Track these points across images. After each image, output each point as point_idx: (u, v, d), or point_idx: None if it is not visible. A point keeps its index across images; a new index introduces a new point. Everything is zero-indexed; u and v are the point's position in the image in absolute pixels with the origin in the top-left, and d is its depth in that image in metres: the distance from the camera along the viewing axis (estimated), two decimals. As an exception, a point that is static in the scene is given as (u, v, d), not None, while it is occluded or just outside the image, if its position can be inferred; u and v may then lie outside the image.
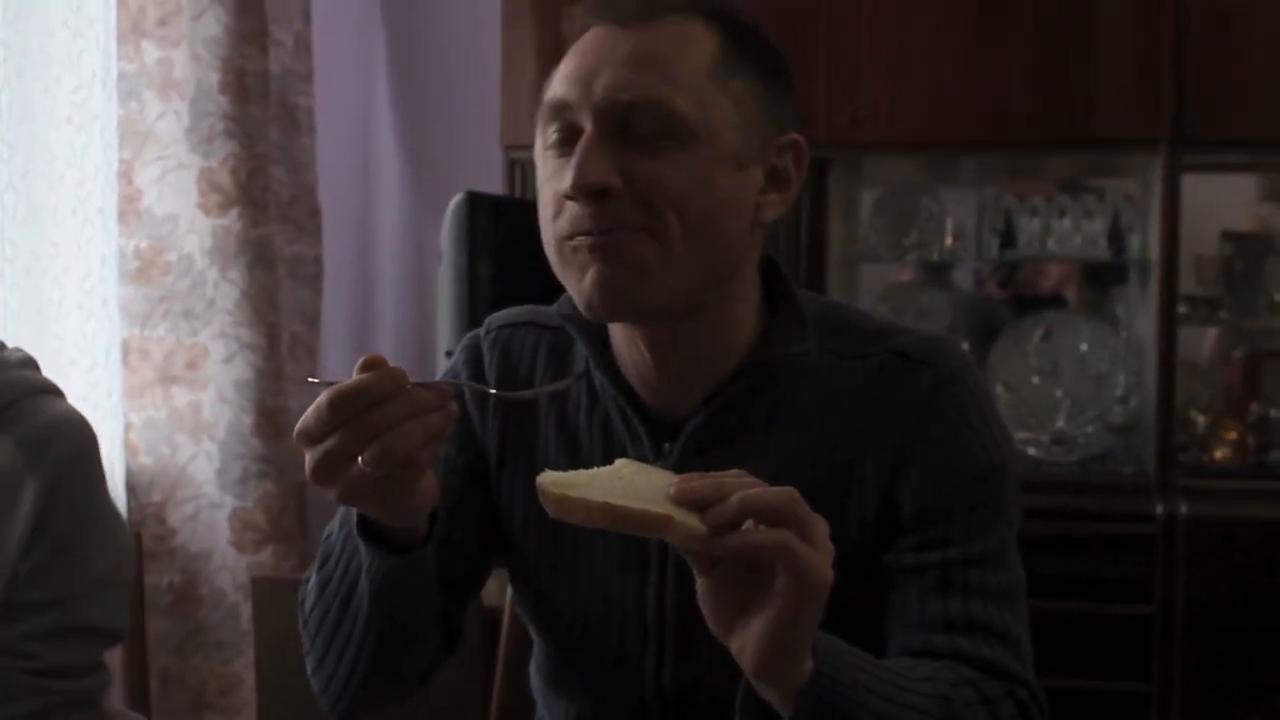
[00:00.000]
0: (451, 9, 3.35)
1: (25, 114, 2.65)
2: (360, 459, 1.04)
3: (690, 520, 0.98)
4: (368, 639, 1.22)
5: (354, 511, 1.15)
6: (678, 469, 1.15)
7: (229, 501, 2.84)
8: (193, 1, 2.82)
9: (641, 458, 1.24)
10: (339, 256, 3.29)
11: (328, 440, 1.05)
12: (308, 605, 1.27)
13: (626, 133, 1.15)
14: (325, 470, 1.06)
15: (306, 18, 3.15)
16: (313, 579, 1.26)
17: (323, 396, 1.06)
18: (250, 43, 2.91)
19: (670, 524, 0.98)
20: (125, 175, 2.80)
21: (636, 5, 1.18)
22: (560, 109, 1.17)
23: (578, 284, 1.18)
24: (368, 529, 1.16)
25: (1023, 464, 3.10)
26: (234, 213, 2.84)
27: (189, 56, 2.82)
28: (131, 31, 2.81)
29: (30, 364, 1.63)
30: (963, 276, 3.39)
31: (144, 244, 2.81)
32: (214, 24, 2.83)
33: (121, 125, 2.79)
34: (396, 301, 3.37)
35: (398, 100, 3.42)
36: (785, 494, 0.99)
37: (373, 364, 1.06)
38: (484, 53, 3.21)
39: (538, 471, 1.03)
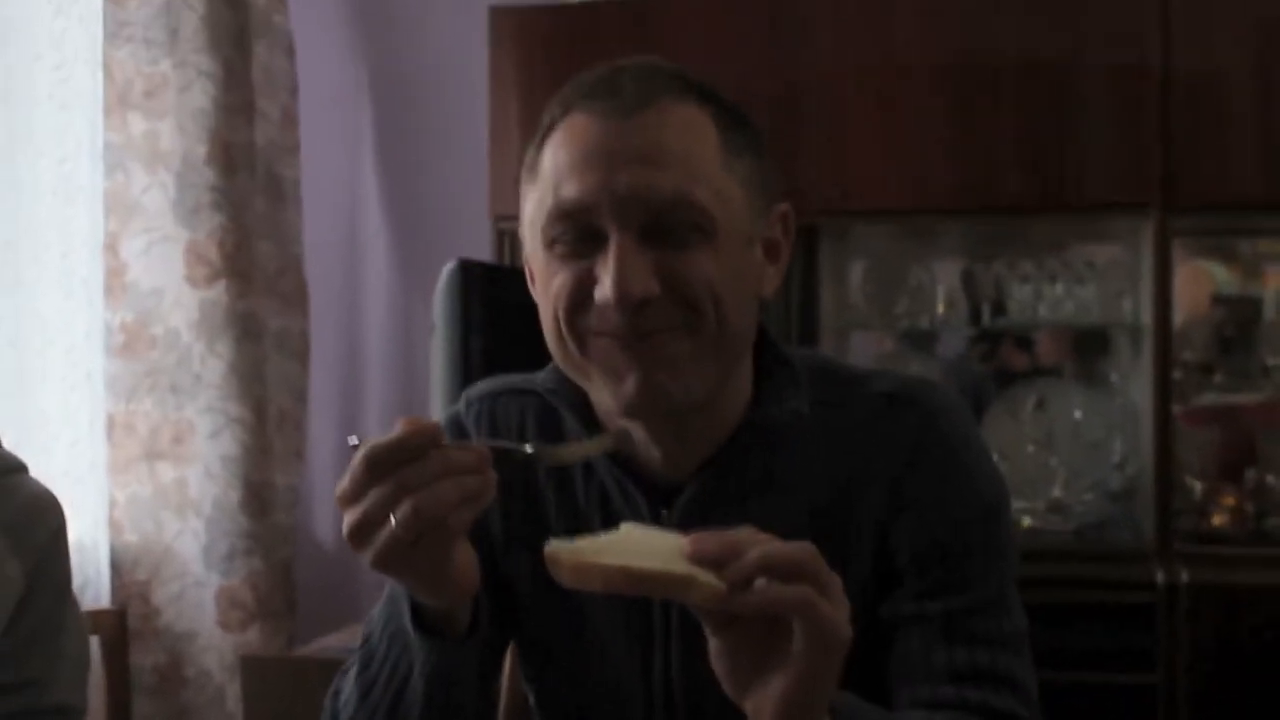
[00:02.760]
0: (438, 82, 3.35)
1: (10, 186, 2.63)
2: (392, 519, 0.99)
3: (711, 580, 0.96)
4: None
5: (404, 608, 1.12)
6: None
7: (215, 579, 2.78)
8: (180, 74, 2.82)
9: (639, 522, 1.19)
10: (326, 330, 3.25)
11: (363, 500, 1.00)
12: (345, 716, 1.21)
13: (655, 231, 1.12)
14: (359, 532, 1.01)
15: (293, 91, 3.14)
16: (349, 688, 1.21)
17: (358, 454, 1.00)
18: (237, 115, 2.90)
19: (692, 584, 0.96)
20: (111, 247, 2.77)
21: (634, 95, 1.14)
22: (576, 211, 1.13)
23: (614, 385, 1.15)
24: (418, 623, 1.12)
25: (1020, 534, 3.07)
26: (221, 285, 2.82)
27: (176, 128, 2.81)
28: (118, 103, 2.79)
29: None
30: (954, 345, 3.38)
31: (130, 317, 2.78)
32: (201, 96, 2.83)
33: (108, 197, 2.77)
34: (385, 374, 3.34)
35: (384, 172, 3.41)
36: (804, 548, 0.96)
37: (412, 424, 1.01)
38: (471, 124, 3.20)
39: (542, 543, 0.99)
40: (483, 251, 3.12)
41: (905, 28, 3.04)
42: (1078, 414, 3.10)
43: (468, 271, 2.39)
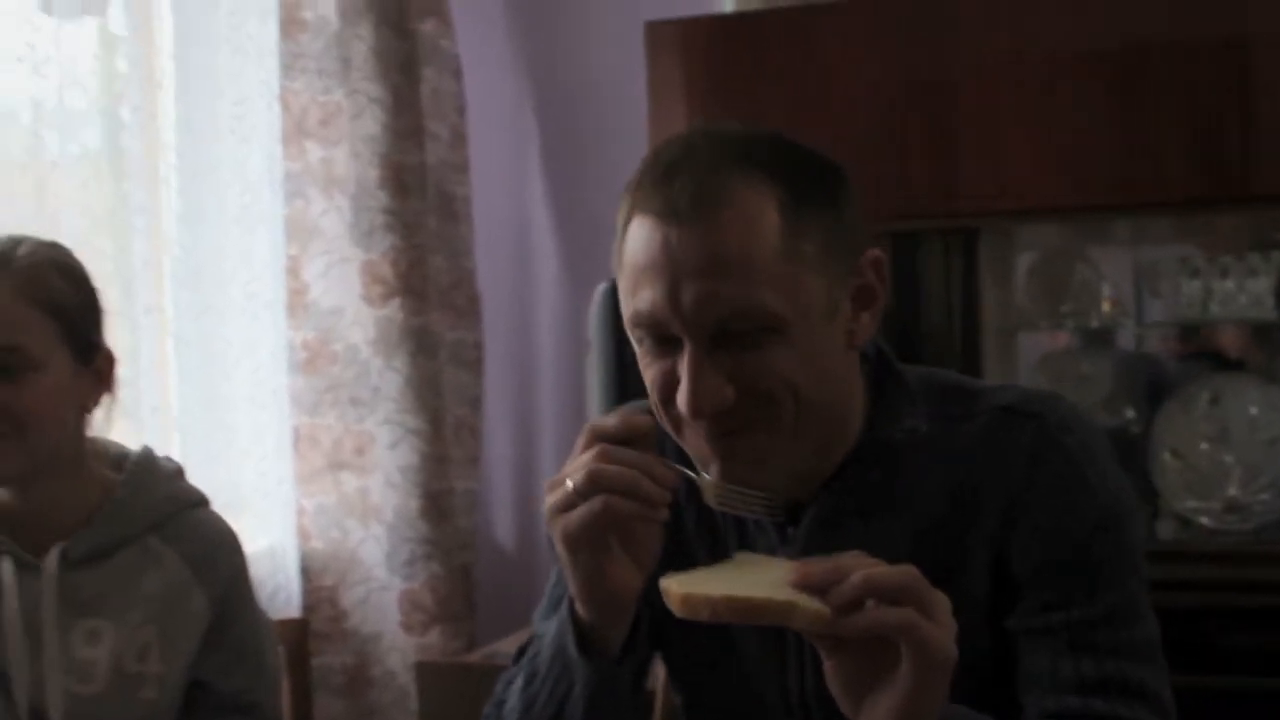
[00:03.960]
0: (600, 96, 3.43)
1: (197, 217, 2.79)
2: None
3: (814, 605, 1.01)
4: None
5: (568, 629, 1.20)
6: (803, 553, 1.20)
7: (397, 583, 2.92)
8: (352, 102, 2.95)
9: (768, 545, 1.28)
10: (499, 339, 3.37)
11: (573, 474, 1.13)
12: None
13: (724, 337, 1.15)
14: (560, 504, 1.14)
15: (462, 111, 3.26)
16: (514, 700, 1.28)
17: (583, 432, 1.15)
18: (407, 139, 3.02)
19: (795, 610, 1.01)
20: (292, 270, 2.92)
21: (690, 199, 1.14)
22: (650, 323, 1.17)
23: (702, 466, 1.22)
24: (579, 644, 1.21)
25: (1194, 534, 3.01)
26: (396, 302, 2.95)
27: (350, 154, 2.94)
28: (296, 133, 2.94)
29: (181, 474, 1.75)
30: (1123, 342, 3.32)
31: (311, 335, 2.93)
32: (372, 123, 2.96)
33: (288, 222, 2.91)
34: (557, 380, 3.43)
35: (551, 185, 3.50)
36: (906, 572, 1.02)
37: (632, 417, 1.16)
38: (633, 136, 3.26)
39: (685, 564, 1.09)
40: (646, 260, 3.19)
41: (1058, 15, 2.99)
42: (1253, 410, 3.02)
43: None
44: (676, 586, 1.05)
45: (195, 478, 1.82)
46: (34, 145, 2.50)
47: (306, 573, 2.87)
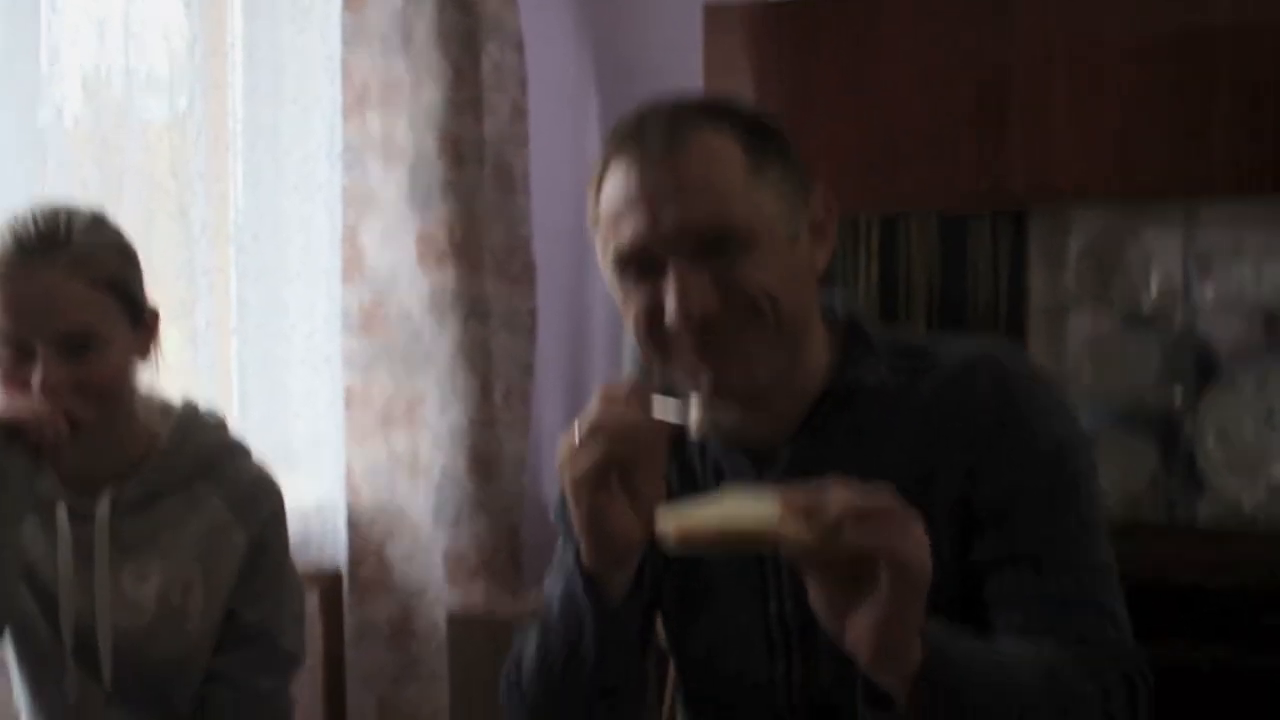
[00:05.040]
0: (659, 75, 3.47)
1: (258, 183, 2.90)
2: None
3: (800, 531, 1.10)
4: (592, 694, 1.37)
5: (576, 578, 1.31)
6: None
7: (443, 539, 3.02)
8: (413, 75, 3.03)
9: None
10: (553, 306, 3.44)
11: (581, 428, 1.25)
12: (525, 678, 1.42)
13: (704, 253, 1.30)
14: (568, 455, 1.25)
15: (523, 86, 3.32)
16: (530, 652, 1.41)
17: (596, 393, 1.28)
18: (466, 111, 3.10)
19: (781, 536, 1.10)
20: (349, 237, 3.02)
21: (663, 138, 1.32)
22: (636, 252, 1.32)
23: (694, 381, 1.34)
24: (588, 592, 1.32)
25: (1238, 516, 3.01)
26: (450, 269, 3.03)
27: (408, 126, 3.03)
28: (356, 104, 3.03)
29: (224, 425, 1.89)
30: (1172, 324, 3.30)
31: (366, 299, 3.02)
32: (433, 95, 3.03)
33: (346, 191, 3.01)
34: (608, 346, 3.51)
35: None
36: (881, 495, 1.11)
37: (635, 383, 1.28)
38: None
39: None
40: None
41: (1116, 5, 2.99)
42: (1301, 394, 3.00)
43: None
44: (668, 523, 1.15)
45: (251, 434, 1.96)
46: (100, 111, 2.63)
47: (354, 526, 2.97)
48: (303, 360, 2.96)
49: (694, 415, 1.32)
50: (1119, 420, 3.12)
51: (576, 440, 1.25)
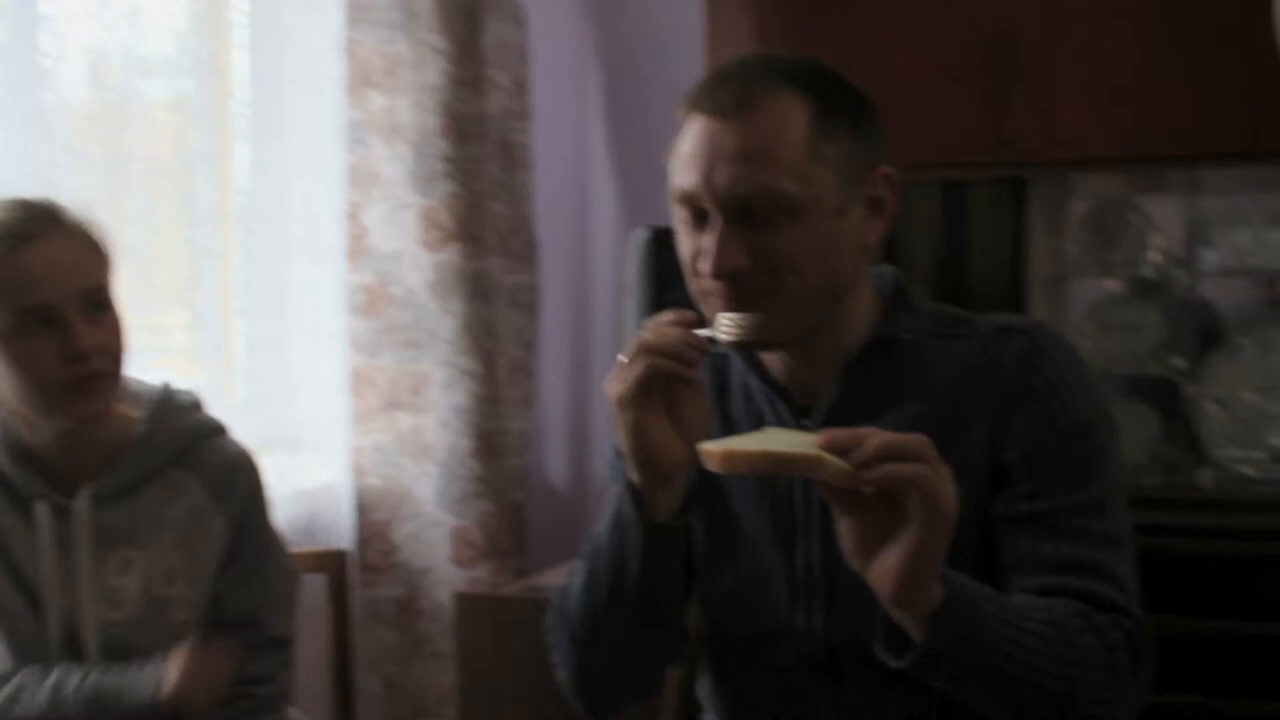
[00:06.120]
0: (661, 47, 3.47)
1: (261, 164, 2.90)
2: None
3: (839, 461, 1.16)
4: (634, 618, 1.43)
5: (626, 501, 1.39)
6: None
7: (449, 519, 3.02)
8: (415, 52, 3.02)
9: None
10: (557, 283, 3.45)
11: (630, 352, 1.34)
12: (571, 604, 1.48)
13: (747, 215, 1.38)
14: (616, 375, 1.33)
15: (524, 60, 3.31)
16: (576, 580, 1.47)
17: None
18: (468, 88, 3.09)
19: (822, 463, 1.16)
20: (353, 215, 3.01)
21: (735, 99, 1.39)
22: (689, 198, 1.41)
23: (715, 330, 1.40)
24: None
25: (1237, 483, 3.02)
26: (453, 248, 3.03)
27: (412, 104, 3.02)
28: (360, 82, 3.02)
29: (199, 405, 1.87)
30: (1173, 291, 3.30)
31: (370, 279, 3.02)
32: (435, 73, 3.03)
33: (350, 170, 3.01)
34: (611, 326, 3.51)
35: (611, 134, 3.56)
36: (917, 437, 1.18)
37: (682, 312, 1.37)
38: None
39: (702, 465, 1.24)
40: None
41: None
42: (1302, 361, 3.01)
43: (660, 239, 2.54)
44: (715, 447, 1.21)
45: (256, 416, 1.95)
46: (108, 91, 2.63)
47: (360, 508, 2.98)
48: (308, 340, 2.96)
49: (725, 329, 1.39)
50: (1120, 387, 3.13)
51: (623, 359, 1.33)
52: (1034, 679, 1.26)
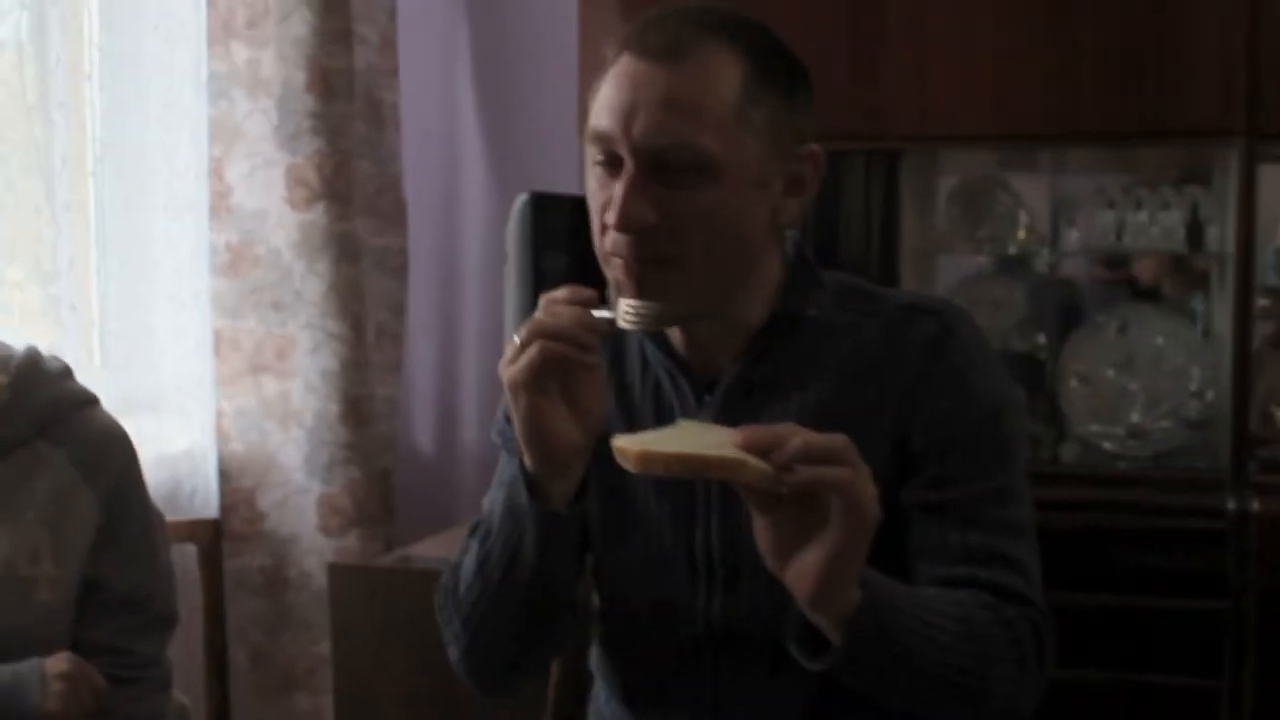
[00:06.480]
0: (533, 4, 3.41)
1: (119, 115, 2.77)
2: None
3: (761, 463, 1.11)
4: (529, 603, 1.37)
5: (520, 487, 1.31)
6: (718, 418, 1.35)
7: (316, 486, 2.95)
8: (280, 3, 2.92)
9: (686, 411, 1.41)
10: (425, 246, 3.37)
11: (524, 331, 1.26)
12: (463, 586, 1.41)
13: (662, 169, 1.29)
14: (511, 355, 1.25)
15: (392, 14, 3.23)
16: (469, 560, 1.40)
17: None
18: (336, 42, 2.99)
19: (744, 466, 1.12)
20: (216, 172, 2.90)
21: (668, 43, 1.30)
22: (604, 139, 1.31)
23: (617, 298, 1.33)
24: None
25: (1098, 457, 3.10)
26: (320, 207, 2.94)
27: (276, 57, 2.92)
28: (222, 33, 2.91)
29: (69, 374, 1.76)
30: (1038, 269, 3.38)
31: (234, 238, 2.92)
32: (300, 25, 2.92)
33: (212, 124, 2.89)
34: (481, 288, 3.45)
35: (481, 92, 3.49)
36: (839, 438, 1.14)
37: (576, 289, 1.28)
38: (564, 47, 3.26)
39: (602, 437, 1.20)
40: (573, 171, 3.21)
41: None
42: (1159, 340, 3.09)
43: (539, 204, 2.49)
44: (631, 444, 1.15)
45: (115, 378, 1.83)
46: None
47: (225, 475, 2.89)
48: (170, 299, 2.84)
49: (626, 316, 1.31)
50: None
51: (516, 341, 1.26)
52: (948, 677, 1.24)
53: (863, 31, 3.01)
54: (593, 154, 1.34)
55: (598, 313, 1.27)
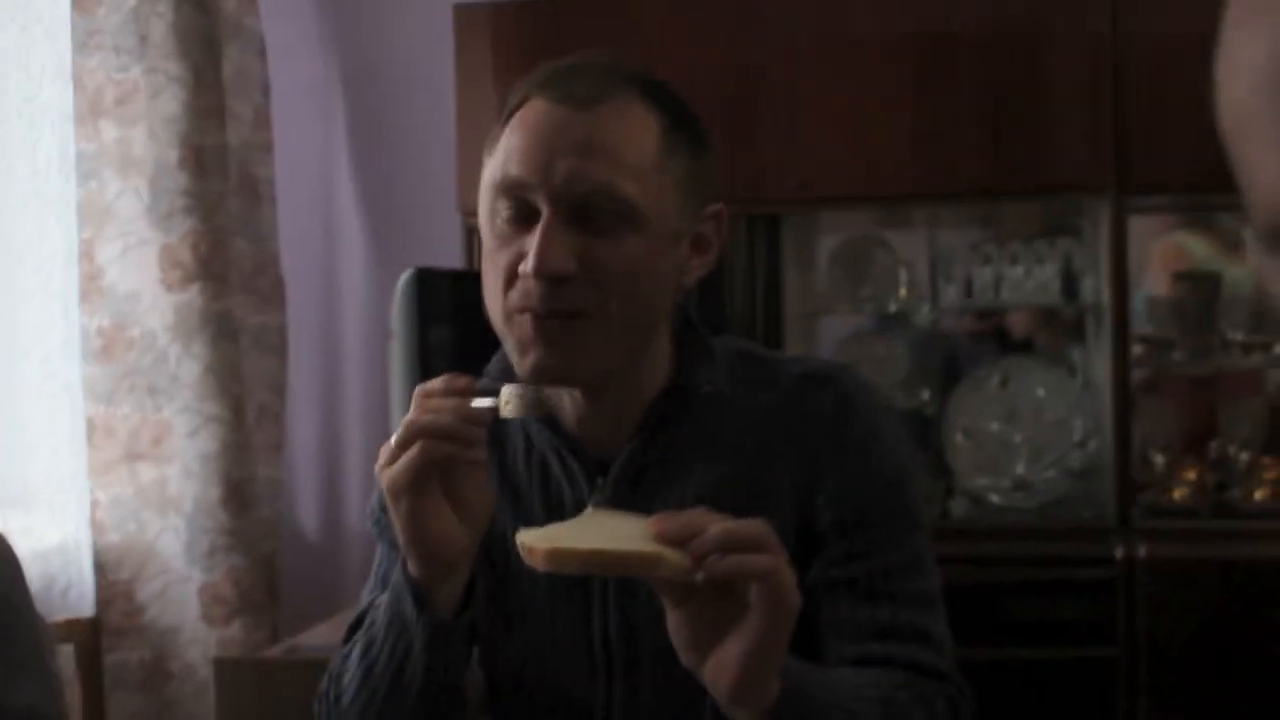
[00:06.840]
0: (408, 78, 3.40)
1: (-17, 201, 2.69)
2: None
3: (678, 556, 1.06)
4: (416, 712, 1.28)
5: (405, 594, 1.24)
6: (612, 502, 1.27)
7: (198, 575, 2.86)
8: (150, 80, 2.87)
9: (578, 495, 1.33)
10: (305, 324, 3.32)
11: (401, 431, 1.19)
12: (346, 697, 1.32)
13: (582, 217, 1.22)
14: (388, 457, 1.18)
15: (265, 90, 3.19)
16: (352, 669, 1.31)
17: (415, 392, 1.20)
18: (208, 118, 2.95)
19: (661, 560, 1.06)
20: (86, 254, 2.83)
21: (586, 89, 1.24)
22: (516, 188, 1.23)
23: (520, 357, 1.26)
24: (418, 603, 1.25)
25: (984, 510, 3.13)
26: (195, 287, 2.88)
27: (147, 134, 2.86)
28: (89, 112, 2.85)
29: None
30: (919, 326, 3.42)
31: (106, 322, 2.84)
32: (172, 102, 2.87)
33: (82, 205, 2.82)
34: (363, 366, 3.40)
35: (358, 168, 3.46)
36: (758, 525, 1.08)
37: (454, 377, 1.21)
38: (441, 121, 3.25)
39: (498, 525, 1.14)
40: (454, 245, 3.18)
41: (861, 4, 3.07)
42: (1040, 392, 3.14)
43: (424, 279, 2.45)
44: (539, 542, 1.08)
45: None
46: None
47: (101, 568, 2.79)
48: (39, 388, 2.75)
49: (510, 404, 1.22)
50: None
51: (392, 442, 1.18)
52: None
53: (740, 97, 3.05)
54: (498, 209, 1.25)
55: (478, 402, 1.19)
